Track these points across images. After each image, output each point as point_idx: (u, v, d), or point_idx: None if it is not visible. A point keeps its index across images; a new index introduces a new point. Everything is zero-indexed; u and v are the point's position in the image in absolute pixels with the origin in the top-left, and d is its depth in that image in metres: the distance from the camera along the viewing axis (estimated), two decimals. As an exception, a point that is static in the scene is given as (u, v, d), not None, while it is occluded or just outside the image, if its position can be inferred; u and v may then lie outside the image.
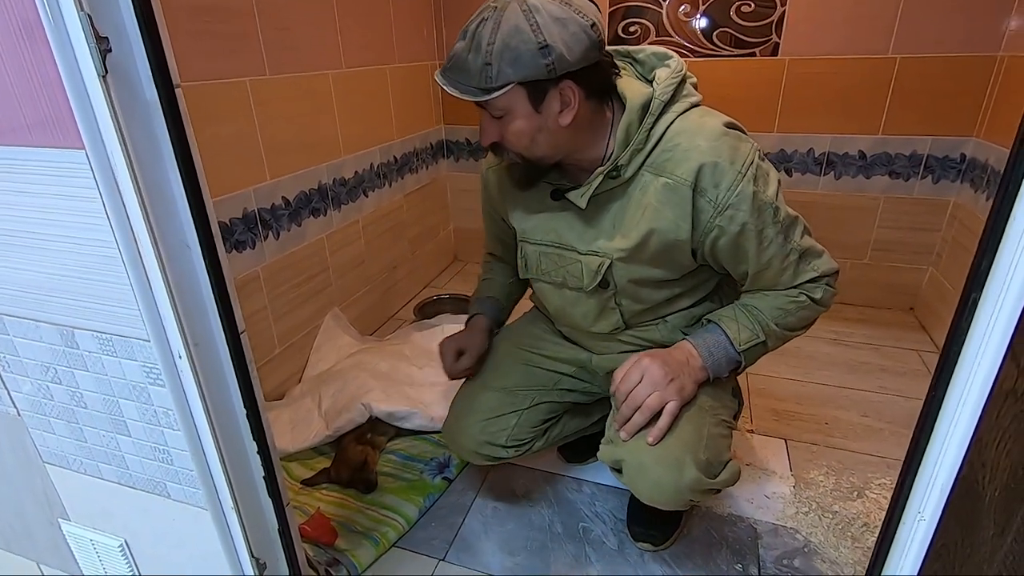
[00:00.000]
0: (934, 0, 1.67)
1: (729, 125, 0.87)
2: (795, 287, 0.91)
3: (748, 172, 0.83)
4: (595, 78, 0.82)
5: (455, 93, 0.80)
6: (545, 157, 0.87)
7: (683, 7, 1.90)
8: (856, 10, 1.75)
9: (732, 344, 0.90)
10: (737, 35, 1.88)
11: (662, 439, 0.88)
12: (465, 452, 1.13)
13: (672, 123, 0.86)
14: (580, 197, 0.89)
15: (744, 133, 0.88)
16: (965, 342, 0.44)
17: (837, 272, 0.94)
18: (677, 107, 0.86)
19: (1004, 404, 0.41)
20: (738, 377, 1.07)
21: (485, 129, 0.86)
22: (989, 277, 0.42)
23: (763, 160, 0.87)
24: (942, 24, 1.69)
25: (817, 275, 0.90)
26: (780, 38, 1.84)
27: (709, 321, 0.95)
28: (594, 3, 0.81)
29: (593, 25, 0.77)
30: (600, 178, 0.86)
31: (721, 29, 1.89)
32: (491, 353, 1.17)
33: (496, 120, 0.83)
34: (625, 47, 0.94)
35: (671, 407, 0.87)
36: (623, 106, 0.86)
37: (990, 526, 0.42)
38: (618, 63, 0.92)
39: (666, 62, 0.89)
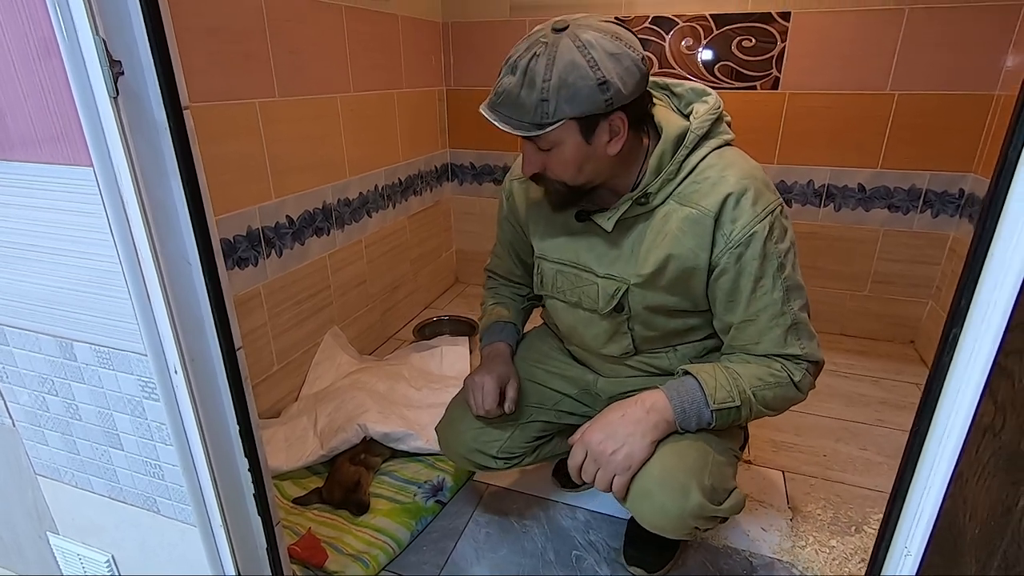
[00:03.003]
0: (931, 39, 1.71)
1: (760, 172, 0.88)
2: (778, 357, 0.89)
3: (766, 219, 0.83)
4: (640, 108, 0.84)
5: (507, 128, 0.79)
6: (588, 183, 0.88)
7: (686, 40, 1.94)
8: (855, 47, 1.78)
9: (707, 401, 0.87)
10: (738, 69, 1.92)
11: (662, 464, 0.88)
12: (455, 456, 1.13)
13: (705, 157, 0.87)
14: (607, 220, 0.90)
15: (774, 187, 0.89)
16: (947, 378, 0.45)
17: (820, 364, 0.91)
18: (712, 142, 0.88)
19: (983, 440, 0.41)
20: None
21: (529, 159, 0.86)
22: (968, 313, 0.43)
23: (785, 217, 0.87)
24: (939, 62, 1.72)
25: (801, 355, 0.88)
26: (780, 72, 1.88)
27: (687, 373, 0.91)
28: (634, 33, 0.82)
29: (643, 59, 0.79)
30: (628, 203, 0.88)
31: (723, 63, 1.93)
32: None
33: (542, 152, 0.84)
34: (663, 79, 0.96)
35: (618, 483, 0.87)
36: (658, 134, 0.88)
37: (972, 563, 0.42)
38: (655, 93, 0.94)
39: (704, 98, 0.91)
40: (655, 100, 0.92)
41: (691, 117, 0.89)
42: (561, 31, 0.77)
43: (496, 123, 0.80)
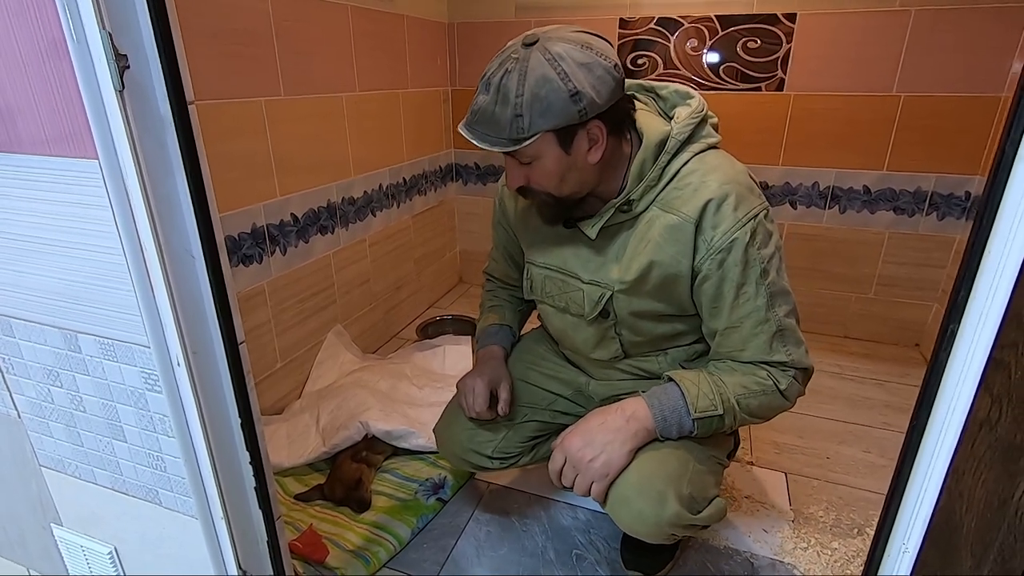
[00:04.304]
0: (937, 41, 1.70)
1: (745, 176, 0.87)
2: (764, 364, 0.88)
3: (748, 224, 0.83)
4: (618, 115, 0.83)
5: (484, 146, 0.80)
6: (574, 194, 0.88)
7: (691, 41, 1.94)
8: (861, 49, 1.78)
9: (688, 409, 0.86)
10: (743, 70, 1.92)
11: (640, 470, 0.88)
12: (451, 457, 1.14)
13: (687, 162, 0.86)
14: (591, 227, 0.90)
15: (759, 191, 0.88)
16: (944, 372, 0.45)
17: (809, 371, 0.91)
18: (695, 146, 0.87)
19: (979, 433, 0.41)
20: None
21: (512, 174, 0.86)
22: (966, 308, 0.43)
23: (770, 222, 0.86)
24: (946, 65, 1.71)
25: (788, 362, 0.87)
26: (786, 74, 1.88)
27: (670, 379, 0.91)
28: (607, 40, 0.82)
29: (616, 66, 0.79)
30: (612, 211, 0.88)
31: (728, 64, 1.92)
32: None
33: (524, 165, 0.84)
34: (649, 82, 0.96)
35: (596, 490, 0.87)
36: (640, 140, 0.87)
37: (968, 558, 0.42)
38: (641, 97, 0.93)
39: (687, 101, 0.90)
40: (640, 104, 0.91)
41: (673, 121, 0.88)
42: (531, 45, 0.77)
43: (474, 141, 0.81)
